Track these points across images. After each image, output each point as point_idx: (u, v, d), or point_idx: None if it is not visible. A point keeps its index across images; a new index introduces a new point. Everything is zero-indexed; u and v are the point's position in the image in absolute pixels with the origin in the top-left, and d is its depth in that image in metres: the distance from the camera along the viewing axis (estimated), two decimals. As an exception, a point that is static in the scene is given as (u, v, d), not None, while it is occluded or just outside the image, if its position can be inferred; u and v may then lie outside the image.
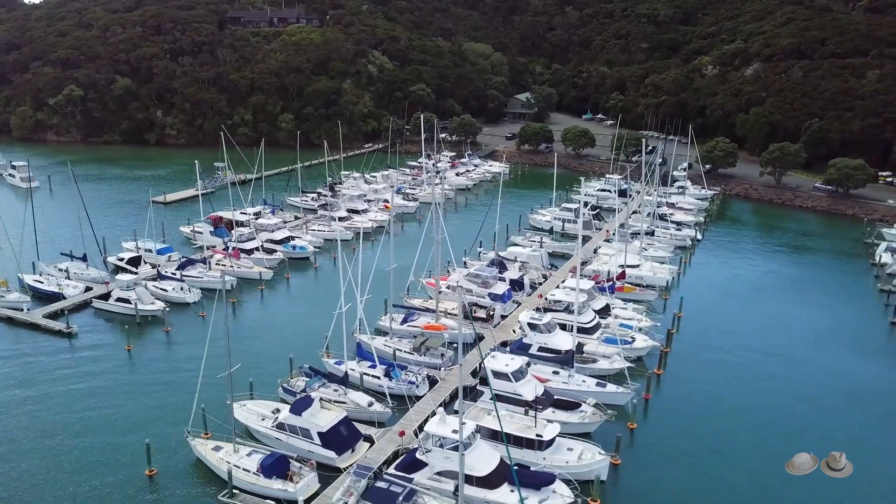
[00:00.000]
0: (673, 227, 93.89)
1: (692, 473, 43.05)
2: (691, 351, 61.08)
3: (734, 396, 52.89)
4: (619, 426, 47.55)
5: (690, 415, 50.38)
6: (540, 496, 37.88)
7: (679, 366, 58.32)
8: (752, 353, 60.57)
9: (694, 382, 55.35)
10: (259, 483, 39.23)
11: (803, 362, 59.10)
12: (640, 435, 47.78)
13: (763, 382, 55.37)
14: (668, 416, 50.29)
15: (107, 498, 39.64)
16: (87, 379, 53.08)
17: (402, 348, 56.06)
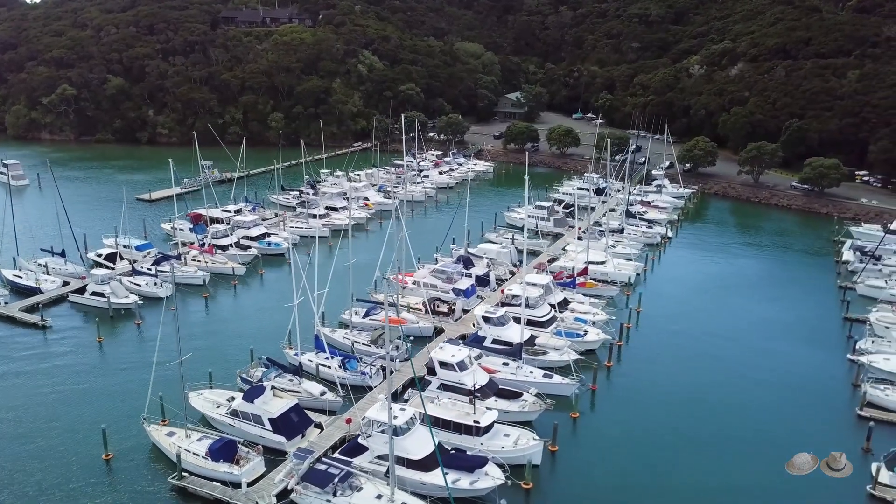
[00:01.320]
0: (644, 225, 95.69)
1: (628, 462, 44.89)
2: (646, 345, 63.01)
3: (681, 389, 54.74)
4: (563, 415, 49.60)
5: (635, 406, 52.29)
6: (472, 478, 39.90)
7: (631, 359, 60.31)
8: (705, 348, 62.40)
9: (643, 375, 57.25)
10: (207, 466, 41.31)
11: (753, 356, 60.87)
12: (581, 424, 49.74)
13: (711, 375, 57.22)
14: (612, 407, 52.25)
15: (63, 479, 41.73)
16: (55, 369, 55.29)
17: (360, 341, 58.10)
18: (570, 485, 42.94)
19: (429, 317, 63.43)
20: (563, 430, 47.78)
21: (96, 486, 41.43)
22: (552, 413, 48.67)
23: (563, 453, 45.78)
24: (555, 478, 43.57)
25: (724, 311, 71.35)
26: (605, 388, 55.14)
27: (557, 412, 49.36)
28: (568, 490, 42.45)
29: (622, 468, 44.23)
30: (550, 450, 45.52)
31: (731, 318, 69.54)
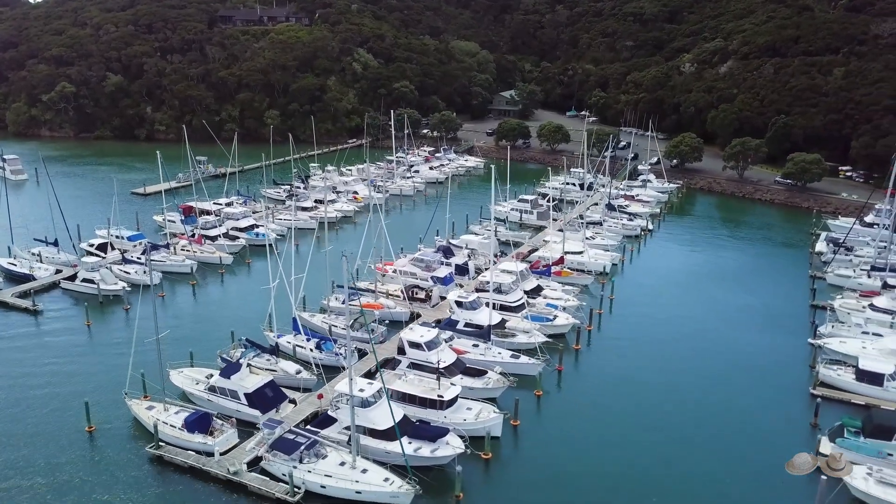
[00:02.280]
0: (625, 218, 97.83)
1: (586, 438, 47.08)
2: (616, 330, 65.30)
3: (645, 371, 56.91)
4: (527, 393, 51.96)
5: (598, 386, 54.53)
6: (433, 447, 42.24)
7: (600, 343, 62.65)
8: (673, 334, 64.56)
9: (610, 358, 59.50)
10: (182, 437, 43.70)
11: (719, 341, 63.02)
12: (545, 401, 52.05)
13: (676, 359, 59.34)
14: (576, 387, 54.53)
15: (48, 449, 44.22)
16: (44, 350, 57.89)
17: (337, 324, 60.40)
18: (528, 457, 45.25)
19: (406, 303, 65.74)
20: (526, 406, 50.22)
21: (78, 456, 43.89)
22: (517, 391, 51.00)
23: (525, 428, 48.09)
24: (514, 450, 45.87)
25: (697, 300, 73.51)
26: (572, 369, 57.42)
27: (523, 390, 51.75)
28: (526, 461, 44.77)
29: (580, 444, 46.46)
30: (513, 424, 47.88)
31: (702, 307, 71.68)
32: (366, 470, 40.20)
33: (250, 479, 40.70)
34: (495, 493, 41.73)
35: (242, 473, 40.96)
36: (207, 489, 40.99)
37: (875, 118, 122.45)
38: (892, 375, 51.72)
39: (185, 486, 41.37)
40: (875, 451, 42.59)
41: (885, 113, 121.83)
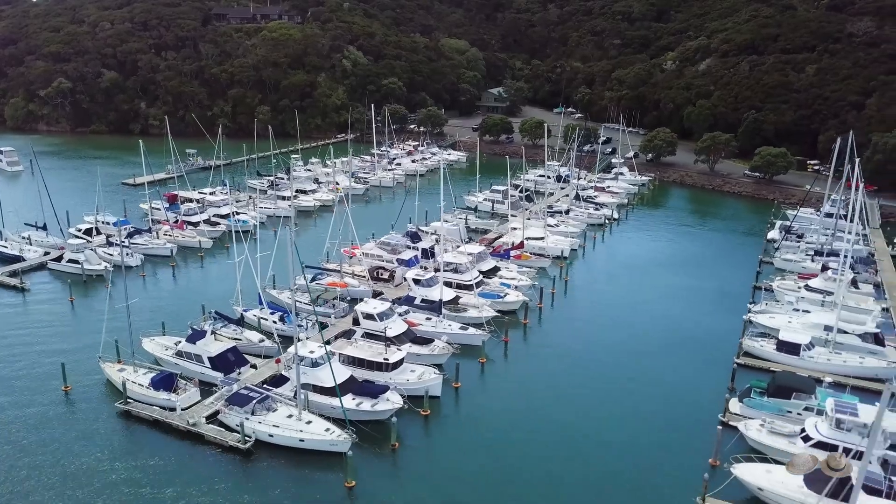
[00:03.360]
0: (591, 208, 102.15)
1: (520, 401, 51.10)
2: (566, 308, 69.70)
3: (586, 345, 61.09)
4: (472, 360, 56.41)
5: (539, 357, 58.87)
6: (374, 402, 46.64)
7: (550, 319, 67.06)
8: (620, 312, 68.81)
9: (555, 332, 63.91)
10: (149, 394, 48.14)
11: (662, 319, 67.08)
12: (487, 368, 56.43)
13: (618, 334, 63.49)
14: (519, 357, 58.90)
15: (27, 406, 48.69)
16: (28, 322, 62.49)
17: (302, 300, 64.74)
18: (464, 415, 49.63)
19: (370, 282, 70.19)
20: (469, 372, 54.67)
21: (55, 412, 48.36)
22: (463, 358, 55.44)
23: (465, 390, 52.48)
24: (452, 408, 50.27)
25: (650, 283, 77.73)
26: (518, 341, 61.79)
27: (468, 358, 56.20)
28: (462, 419, 49.12)
29: (513, 406, 50.70)
30: (454, 386, 52.30)
31: (654, 289, 75.88)
32: (310, 421, 44.62)
33: (207, 429, 45.16)
34: (430, 445, 46.10)
35: (200, 424, 45.42)
36: (169, 439, 45.42)
37: (841, 113, 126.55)
38: (808, 345, 56.00)
39: (149, 436, 45.82)
40: (776, 409, 46.87)
41: (851, 108, 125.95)
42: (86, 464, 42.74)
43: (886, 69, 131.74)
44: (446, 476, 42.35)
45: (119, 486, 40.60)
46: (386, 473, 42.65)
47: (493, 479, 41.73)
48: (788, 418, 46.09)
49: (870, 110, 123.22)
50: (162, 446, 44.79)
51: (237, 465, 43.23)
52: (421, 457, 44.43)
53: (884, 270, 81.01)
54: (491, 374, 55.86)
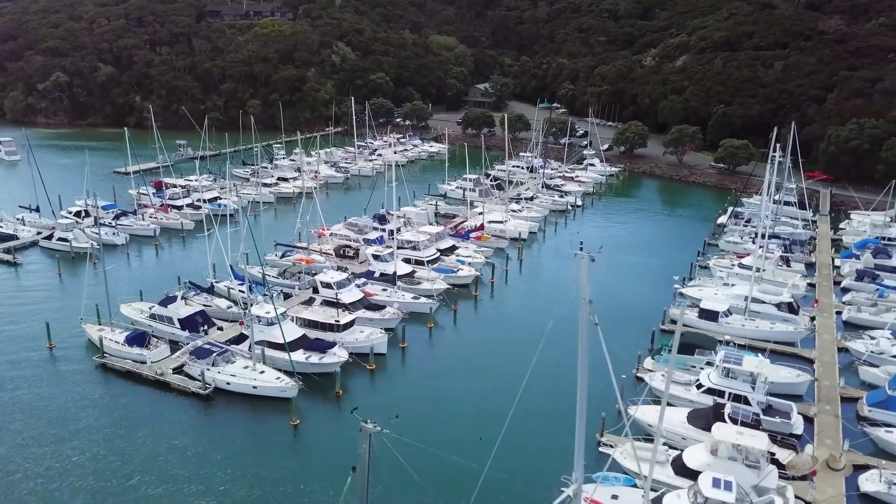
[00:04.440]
0: (556, 195, 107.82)
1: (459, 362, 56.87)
2: (517, 284, 75.55)
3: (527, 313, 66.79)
4: (421, 325, 62.18)
5: (484, 323, 64.71)
6: (321, 355, 52.43)
7: (500, 292, 72.81)
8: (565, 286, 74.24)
9: (502, 303, 69.68)
10: (123, 350, 53.91)
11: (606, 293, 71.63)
12: (434, 332, 62.28)
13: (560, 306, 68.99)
14: (465, 324, 64.67)
15: (15, 360, 54.57)
16: (18, 291, 68.56)
17: (271, 273, 70.59)
18: (408, 372, 55.48)
19: (335, 259, 76.01)
20: (417, 335, 60.48)
21: (40, 365, 54.26)
22: (414, 324, 61.25)
23: (411, 350, 58.29)
24: (395, 365, 56.06)
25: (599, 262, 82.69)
26: (467, 311, 67.54)
27: (417, 323, 61.98)
28: (405, 375, 54.98)
29: (453, 362, 56.43)
30: (401, 346, 58.08)
31: (602, 267, 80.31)
32: (263, 371, 50.43)
33: (173, 378, 50.99)
34: (372, 393, 51.91)
35: (167, 375, 51.24)
36: (140, 388, 51.26)
37: (802, 107, 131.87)
38: (725, 313, 61.64)
39: (122, 385, 51.69)
40: (681, 364, 52.54)
41: (811, 102, 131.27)
42: (66, 409, 48.53)
43: (847, 65, 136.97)
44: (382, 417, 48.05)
45: (96, 428, 46.34)
46: (328, 415, 48.49)
47: (426, 419, 47.32)
48: (691, 371, 51.74)
49: (829, 104, 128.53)
50: (133, 393, 50.64)
51: (199, 408, 49.07)
52: (362, 402, 50.07)
53: (821, 252, 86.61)
54: (437, 338, 61.66)
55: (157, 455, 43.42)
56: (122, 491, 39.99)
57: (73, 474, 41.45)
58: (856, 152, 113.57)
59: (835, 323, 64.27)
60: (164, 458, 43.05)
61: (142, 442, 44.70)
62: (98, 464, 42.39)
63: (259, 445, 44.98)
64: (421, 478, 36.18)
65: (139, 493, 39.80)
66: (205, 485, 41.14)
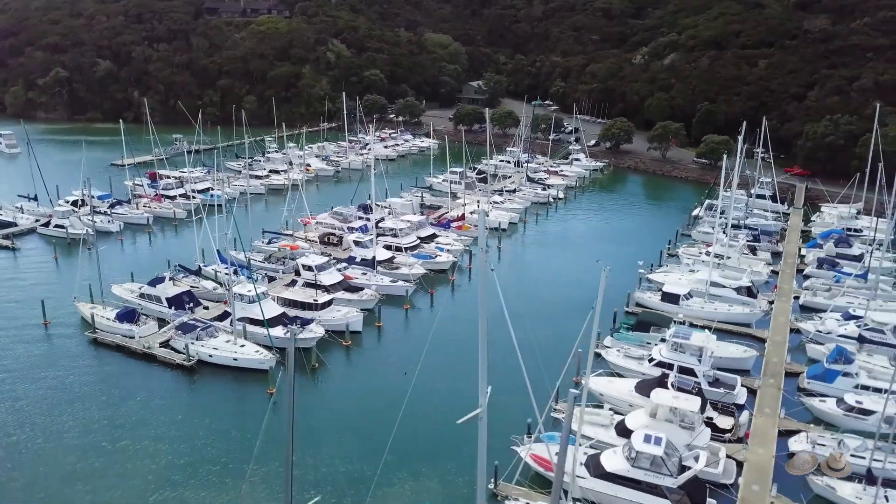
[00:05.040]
0: (539, 188, 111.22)
1: (433, 335, 59.99)
2: (495, 270, 78.54)
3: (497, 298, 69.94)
4: (397, 307, 65.60)
5: (456, 306, 68.05)
6: (299, 330, 55.73)
7: (477, 278, 76.05)
8: (542, 273, 77.70)
9: (477, 288, 72.78)
10: (114, 326, 57.36)
11: (576, 279, 75.50)
12: (410, 314, 65.68)
13: (530, 289, 72.34)
14: (440, 306, 68.01)
15: (13, 335, 58.04)
16: (16, 274, 72.00)
17: (257, 258, 74.05)
18: (379, 348, 58.97)
19: (320, 246, 79.47)
20: (393, 315, 63.90)
21: (36, 340, 57.74)
22: (391, 305, 64.76)
23: (386, 329, 61.80)
24: (369, 342, 59.55)
25: (576, 251, 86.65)
26: (443, 294, 70.95)
27: (395, 305, 65.47)
28: (378, 351, 58.46)
29: (426, 340, 59.56)
30: (377, 325, 61.51)
31: (576, 255, 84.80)
32: (244, 345, 53.86)
33: (159, 351, 54.46)
34: (346, 367, 55.34)
35: (154, 348, 54.69)
36: (129, 360, 54.77)
37: (783, 105, 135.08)
38: (686, 296, 65.03)
39: (112, 358, 55.15)
40: (637, 340, 55.96)
41: (791, 100, 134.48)
42: (61, 378, 51.97)
43: (828, 64, 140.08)
44: (352, 389, 51.57)
45: (87, 396, 49.78)
46: (303, 386, 51.74)
47: (395, 394, 50.26)
48: (646, 347, 55.09)
49: (809, 102, 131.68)
50: (123, 365, 54.16)
51: (183, 379, 52.57)
52: (335, 374, 53.66)
53: (789, 242, 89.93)
54: (413, 318, 65.13)
55: (144, 419, 46.89)
56: (112, 451, 43.41)
57: (67, 436, 44.86)
58: (831, 148, 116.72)
59: (791, 307, 67.56)
60: (151, 422, 46.53)
61: (130, 408, 48.15)
62: (89, 427, 45.82)
63: (238, 410, 48.45)
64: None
65: (128, 452, 43.22)
66: (187, 444, 44.59)
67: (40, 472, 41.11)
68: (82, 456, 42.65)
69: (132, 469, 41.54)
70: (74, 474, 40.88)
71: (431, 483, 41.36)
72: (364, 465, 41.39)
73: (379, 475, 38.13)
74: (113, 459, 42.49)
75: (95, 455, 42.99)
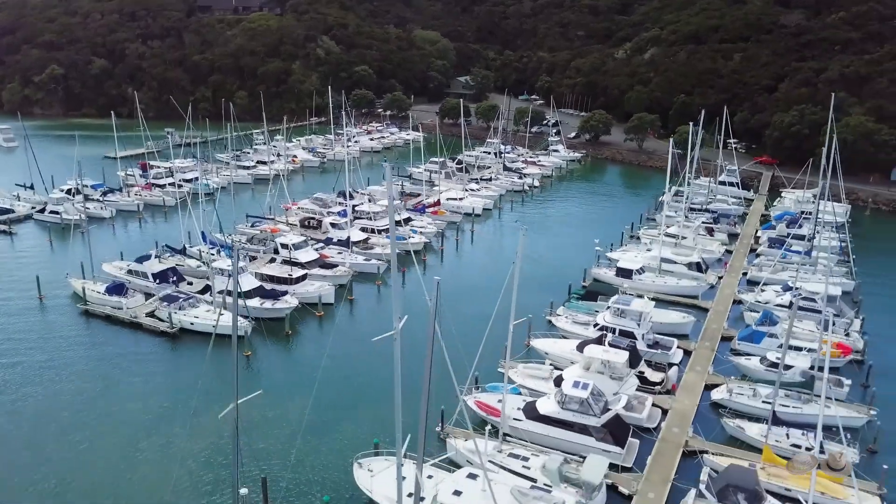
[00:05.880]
0: (515, 177, 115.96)
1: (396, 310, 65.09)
2: (466, 251, 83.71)
3: (464, 276, 74.78)
4: (370, 283, 70.34)
5: (426, 282, 72.53)
6: (275, 301, 60.51)
7: (448, 257, 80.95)
8: (508, 253, 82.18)
9: (447, 268, 77.76)
10: (104, 298, 62.00)
11: (539, 258, 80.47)
12: (382, 289, 70.42)
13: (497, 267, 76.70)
14: (411, 283, 72.66)
15: (11, 307, 62.72)
16: (13, 255, 76.74)
17: (239, 239, 78.72)
18: (350, 318, 63.68)
19: (300, 229, 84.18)
20: (365, 290, 68.60)
21: (32, 311, 62.44)
22: (364, 281, 69.52)
23: (358, 302, 66.56)
24: (344, 314, 64.20)
25: (547, 234, 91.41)
26: (415, 272, 75.48)
27: (368, 281, 70.18)
28: (348, 322, 63.10)
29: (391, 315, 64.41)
30: (349, 298, 66.27)
31: (544, 237, 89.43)
32: (222, 314, 58.49)
33: (145, 320, 59.14)
34: (317, 334, 60.00)
35: (140, 317, 59.37)
36: (117, 328, 59.45)
37: (754, 96, 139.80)
38: (639, 270, 69.77)
39: (102, 327, 59.84)
40: (586, 309, 60.68)
41: (762, 91, 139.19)
42: (55, 345, 56.58)
43: (798, 57, 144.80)
44: (320, 352, 56.18)
45: (79, 360, 54.33)
46: (276, 349, 56.59)
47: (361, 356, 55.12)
48: (594, 315, 59.80)
49: (779, 93, 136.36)
50: (112, 333, 58.85)
51: (167, 344, 57.23)
52: (307, 340, 58.39)
53: (748, 225, 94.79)
54: (384, 293, 69.84)
55: (132, 379, 51.51)
56: (103, 405, 47.94)
57: (61, 397, 49.17)
58: (796, 137, 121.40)
59: (739, 281, 72.36)
60: (138, 381, 51.14)
61: (119, 368, 52.84)
62: (82, 386, 50.37)
63: (216, 371, 52.97)
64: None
65: (117, 408, 47.70)
66: (171, 400, 49.17)
67: (41, 424, 45.64)
68: (74, 414, 47.13)
69: (122, 420, 46.07)
70: (71, 426, 45.31)
71: (386, 426, 46.04)
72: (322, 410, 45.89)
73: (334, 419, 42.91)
74: (104, 412, 47.06)
75: (89, 409, 47.52)
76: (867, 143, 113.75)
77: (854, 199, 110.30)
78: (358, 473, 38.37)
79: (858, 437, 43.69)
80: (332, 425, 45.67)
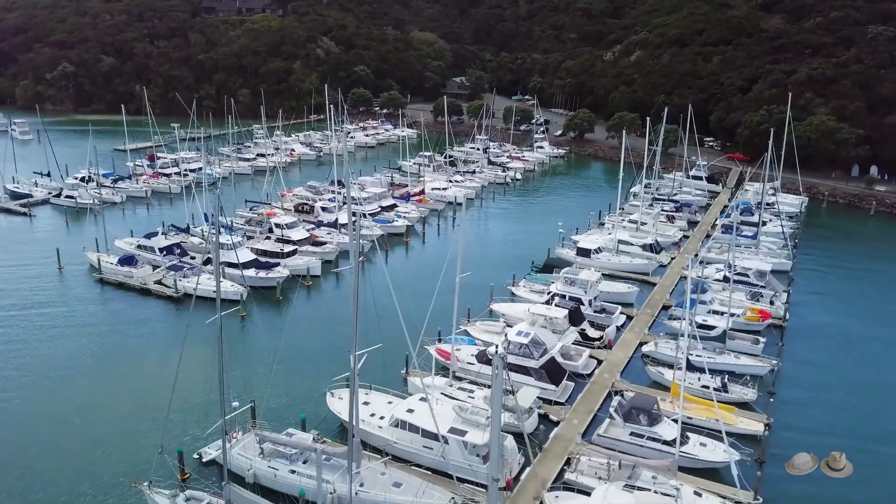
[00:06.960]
0: (499, 170, 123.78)
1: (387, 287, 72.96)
2: (447, 235, 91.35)
3: (438, 255, 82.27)
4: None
5: (410, 260, 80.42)
6: (267, 272, 68.33)
7: (430, 241, 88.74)
8: (488, 236, 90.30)
9: (427, 249, 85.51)
10: (116, 269, 69.95)
11: (511, 241, 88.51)
12: (367, 265, 78.07)
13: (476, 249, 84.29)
14: (393, 260, 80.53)
15: (31, 279, 70.57)
16: (35, 234, 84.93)
17: (238, 221, 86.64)
18: (334, 287, 71.49)
19: (294, 214, 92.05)
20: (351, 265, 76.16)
21: (53, 278, 70.45)
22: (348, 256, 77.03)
23: (344, 275, 74.16)
24: (328, 284, 72.13)
25: (525, 221, 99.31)
26: (397, 251, 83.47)
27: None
28: (333, 291, 70.94)
29: (374, 283, 72.17)
30: (335, 272, 74.11)
31: (522, 224, 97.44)
32: (222, 281, 66.29)
33: (153, 287, 67.05)
34: (306, 302, 67.82)
35: (149, 284, 67.29)
36: (128, 294, 67.31)
37: (729, 96, 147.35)
38: (596, 250, 77.46)
39: (115, 293, 67.73)
40: (544, 280, 68.38)
41: (737, 92, 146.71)
42: (73, 308, 64.40)
43: (772, 59, 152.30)
44: (307, 316, 64.10)
45: (95, 322, 62.01)
46: (268, 312, 64.45)
47: (342, 319, 62.97)
48: (550, 286, 67.48)
49: (752, 94, 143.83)
50: (123, 298, 66.71)
51: (172, 307, 65.08)
52: (297, 305, 66.19)
53: (709, 214, 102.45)
54: (369, 269, 77.36)
55: (140, 338, 59.26)
56: (116, 359, 55.47)
57: (78, 354, 56.54)
58: (765, 135, 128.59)
59: (689, 261, 79.85)
60: (146, 339, 58.85)
61: (129, 330, 60.54)
62: (100, 342, 58.04)
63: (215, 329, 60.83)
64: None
65: (128, 360, 55.25)
66: (175, 355, 56.35)
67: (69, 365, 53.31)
68: (87, 371, 54.46)
69: (132, 373, 53.50)
70: (88, 376, 52.84)
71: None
72: (306, 363, 53.61)
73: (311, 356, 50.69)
74: (118, 366, 54.47)
75: (99, 369, 54.76)
76: (829, 141, 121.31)
77: (815, 193, 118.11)
78: (330, 401, 46.11)
79: (759, 381, 51.37)
80: (309, 361, 53.44)
